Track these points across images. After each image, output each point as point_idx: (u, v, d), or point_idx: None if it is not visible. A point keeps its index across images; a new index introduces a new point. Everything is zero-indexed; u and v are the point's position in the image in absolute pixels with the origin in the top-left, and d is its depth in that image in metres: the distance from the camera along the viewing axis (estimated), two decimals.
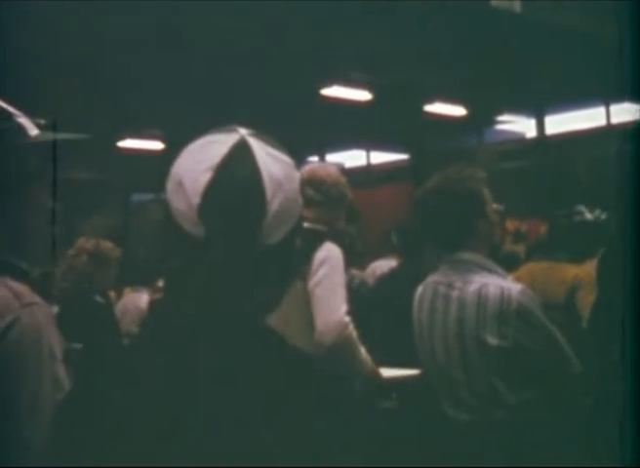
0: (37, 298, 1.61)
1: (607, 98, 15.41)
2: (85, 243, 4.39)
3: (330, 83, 11.95)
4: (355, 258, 5.93)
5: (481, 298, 2.67)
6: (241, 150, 1.27)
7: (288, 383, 1.25)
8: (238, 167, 1.25)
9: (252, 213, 1.24)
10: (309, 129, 14.64)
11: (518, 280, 3.44)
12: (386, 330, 4.20)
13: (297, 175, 1.31)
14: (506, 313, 2.62)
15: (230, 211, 1.23)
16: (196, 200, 1.23)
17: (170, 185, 1.28)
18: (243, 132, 1.31)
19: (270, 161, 1.27)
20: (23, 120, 1.70)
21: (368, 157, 19.06)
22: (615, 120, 15.72)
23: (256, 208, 1.24)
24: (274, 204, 1.25)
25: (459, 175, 2.82)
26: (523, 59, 11.28)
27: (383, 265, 6.81)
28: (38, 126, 1.72)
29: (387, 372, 3.73)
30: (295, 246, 1.32)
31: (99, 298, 4.44)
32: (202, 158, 1.26)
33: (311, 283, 3.28)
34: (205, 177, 1.24)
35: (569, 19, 9.88)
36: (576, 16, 9.93)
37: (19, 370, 1.52)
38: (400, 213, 15.10)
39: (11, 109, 1.69)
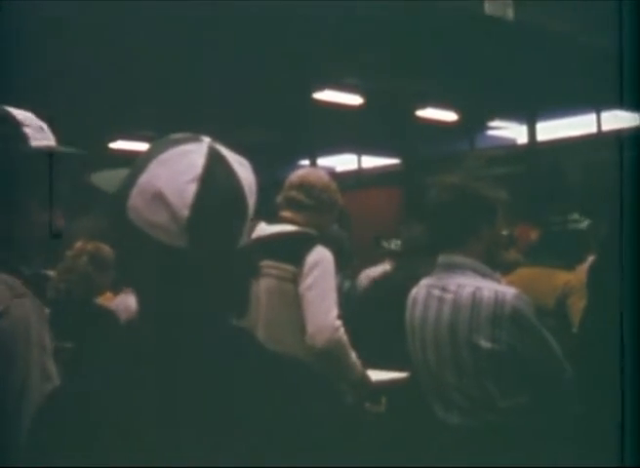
0: (28, 291, 1.63)
1: (599, 106, 15.48)
2: (85, 244, 4.37)
3: (322, 87, 11.96)
4: (346, 262, 5.93)
5: (475, 302, 2.67)
6: (216, 159, 1.28)
7: (269, 384, 1.26)
8: (219, 176, 1.26)
9: (237, 219, 1.26)
10: (301, 133, 14.64)
11: (510, 285, 3.44)
12: (380, 333, 4.20)
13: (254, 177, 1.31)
14: (500, 317, 2.63)
15: (219, 220, 1.24)
16: (185, 212, 1.22)
17: (141, 198, 1.25)
18: (207, 139, 1.32)
19: (239, 166, 1.29)
20: (29, 130, 1.73)
21: (359, 161, 19.08)
22: (606, 127, 15.79)
23: (240, 214, 1.26)
24: (251, 208, 1.28)
25: (479, 180, 2.84)
26: (515, 66, 11.31)
27: (378, 270, 6.81)
28: (41, 129, 1.77)
29: (378, 375, 3.74)
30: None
31: (97, 301, 4.43)
32: (181, 169, 1.25)
33: (302, 286, 3.29)
34: (191, 189, 1.23)
35: (562, 26, 9.91)
36: (569, 23, 9.96)
37: (7, 359, 1.55)
38: (390, 216, 15.15)
39: (19, 117, 1.73)
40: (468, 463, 2.64)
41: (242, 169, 1.29)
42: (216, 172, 1.26)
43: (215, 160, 1.27)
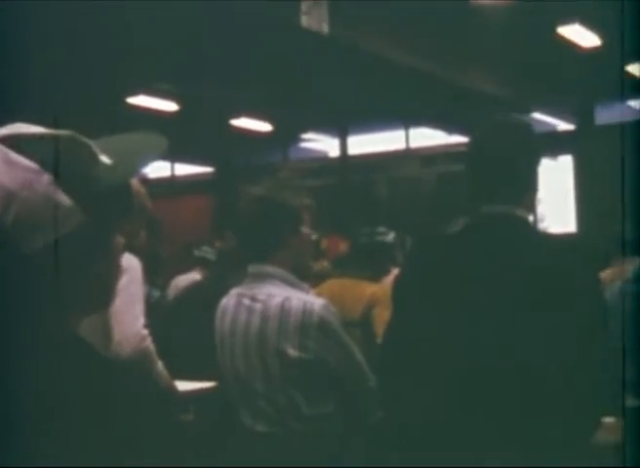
0: None
1: (407, 123, 16.03)
2: None
3: (136, 92, 11.78)
4: (155, 270, 5.85)
5: (284, 311, 2.70)
6: None
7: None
8: None
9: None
10: None
11: (319, 295, 3.50)
12: (189, 342, 4.17)
13: (42, 180, 1.25)
14: (308, 326, 2.67)
15: None
16: None
17: None
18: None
19: (5, 170, 1.24)
20: None
21: (172, 168, 18.92)
22: (413, 144, 16.38)
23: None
24: (9, 214, 1.23)
25: (284, 189, 2.86)
26: (329, 80, 11.53)
27: (187, 279, 6.76)
28: None
29: (187, 385, 3.72)
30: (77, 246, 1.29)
31: None
32: None
33: None
34: None
35: (374, 42, 10.19)
36: (381, 39, 10.25)
37: None
38: (203, 225, 15.04)
39: None
40: None
41: (10, 172, 1.24)
42: None
43: None
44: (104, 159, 1.30)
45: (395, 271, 4.07)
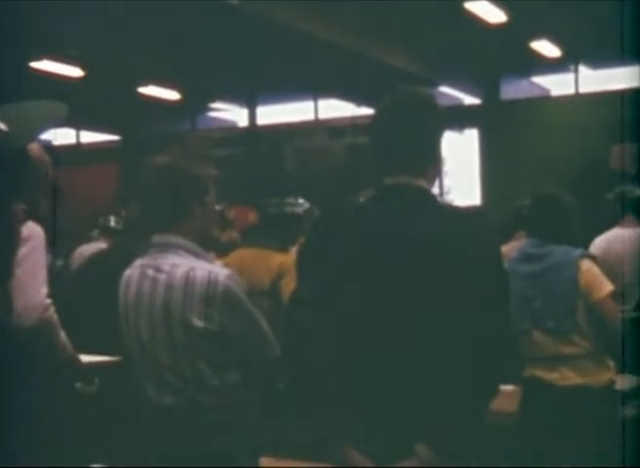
0: None
1: (316, 94, 16.05)
2: None
3: (40, 57, 11.51)
4: (60, 238, 5.75)
5: (188, 281, 2.69)
6: None
7: None
8: None
9: None
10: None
11: (227, 266, 3.50)
12: (93, 313, 4.12)
13: None
14: (213, 296, 2.67)
15: None
16: None
17: None
18: None
19: None
20: None
21: (78, 136, 18.58)
22: (322, 115, 16.42)
23: None
24: None
25: (189, 159, 2.84)
26: (239, 49, 11.46)
27: (91, 249, 6.65)
28: None
29: (91, 356, 3.69)
30: None
31: None
32: None
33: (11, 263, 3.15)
34: None
35: (285, 13, 10.16)
36: (292, 11, 10.22)
37: None
38: (108, 193, 14.84)
39: None
40: (181, 443, 2.67)
41: None
42: None
43: None
44: None
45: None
